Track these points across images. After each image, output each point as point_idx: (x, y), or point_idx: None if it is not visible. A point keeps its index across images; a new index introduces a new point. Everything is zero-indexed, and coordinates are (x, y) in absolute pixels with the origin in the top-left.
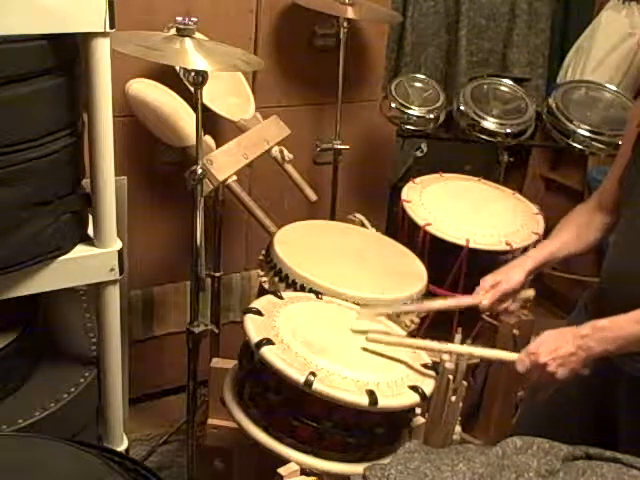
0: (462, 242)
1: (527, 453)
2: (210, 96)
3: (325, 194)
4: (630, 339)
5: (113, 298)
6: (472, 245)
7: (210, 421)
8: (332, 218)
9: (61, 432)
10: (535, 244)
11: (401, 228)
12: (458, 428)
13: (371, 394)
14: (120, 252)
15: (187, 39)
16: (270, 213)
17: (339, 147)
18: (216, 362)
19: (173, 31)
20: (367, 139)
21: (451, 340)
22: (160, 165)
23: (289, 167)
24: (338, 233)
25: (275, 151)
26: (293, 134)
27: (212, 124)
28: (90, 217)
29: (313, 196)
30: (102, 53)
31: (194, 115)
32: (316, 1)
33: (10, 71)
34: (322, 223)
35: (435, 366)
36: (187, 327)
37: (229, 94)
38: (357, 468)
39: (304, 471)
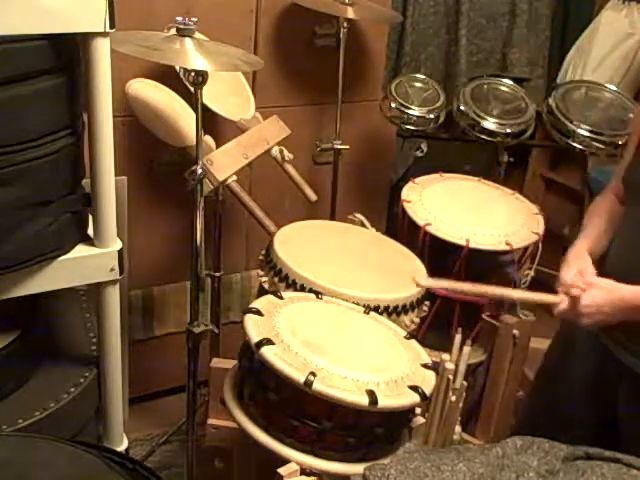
0: (462, 242)
1: (527, 453)
2: (210, 96)
3: (325, 194)
4: None
5: (113, 298)
6: (472, 245)
7: (210, 421)
8: (332, 218)
9: (61, 432)
10: (535, 244)
11: (401, 228)
12: (458, 428)
13: (371, 394)
14: (120, 252)
15: (187, 39)
16: (270, 213)
17: (339, 147)
18: (216, 362)
19: (173, 31)
20: (367, 139)
21: (451, 341)
22: (160, 165)
23: (289, 167)
24: (338, 233)
25: (275, 151)
26: (293, 134)
27: (212, 124)
28: (90, 217)
29: (313, 196)
30: (102, 53)
31: (194, 115)
32: (316, 1)
33: (10, 71)
34: (322, 223)
35: (435, 366)
36: (187, 327)
37: (229, 94)
38: (357, 468)
39: (304, 471)
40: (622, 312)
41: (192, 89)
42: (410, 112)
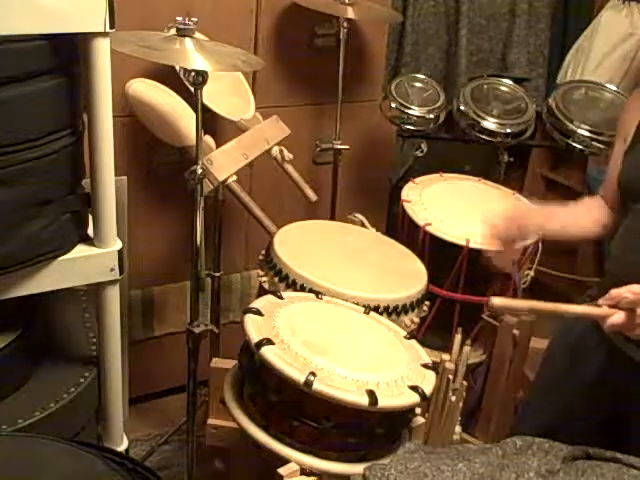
0: (462, 242)
1: (527, 453)
2: (210, 96)
3: (325, 194)
4: None
5: (113, 298)
6: (472, 245)
7: (210, 421)
8: (332, 218)
9: (61, 432)
10: (535, 244)
11: (401, 228)
12: (458, 428)
13: (371, 394)
14: (120, 252)
15: (187, 39)
16: (270, 213)
17: (339, 147)
18: (216, 362)
19: (173, 31)
20: (367, 139)
21: (451, 341)
22: (160, 165)
23: (289, 167)
24: (338, 233)
25: (275, 151)
26: (293, 134)
27: (212, 124)
28: (90, 217)
29: (313, 196)
30: (102, 53)
31: (194, 115)
32: (316, 1)
33: (10, 71)
34: (322, 223)
35: (435, 366)
36: (187, 327)
37: (229, 94)
38: (357, 468)
39: (304, 471)
40: None
41: (192, 89)
42: (410, 112)
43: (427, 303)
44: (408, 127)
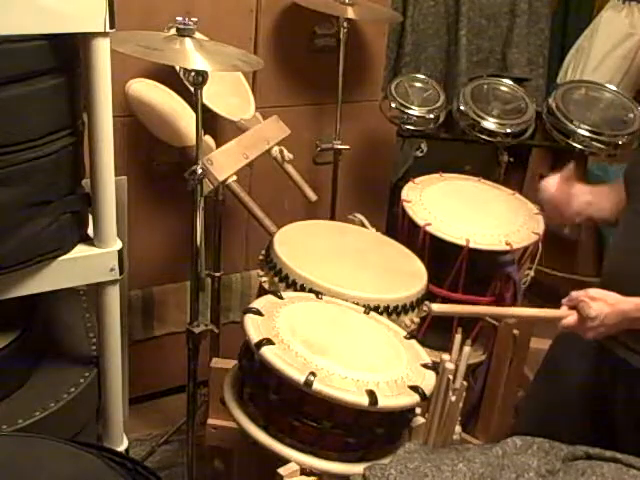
0: (462, 242)
1: (527, 453)
2: (210, 96)
3: (325, 194)
4: None
5: (113, 298)
6: (472, 245)
7: (210, 421)
8: (332, 218)
9: (61, 432)
10: (535, 244)
11: (401, 228)
12: (458, 428)
13: (371, 394)
14: (120, 252)
15: (187, 39)
16: (270, 213)
17: (339, 147)
18: (216, 362)
19: (173, 31)
20: (367, 139)
21: (451, 341)
22: (160, 165)
23: (289, 167)
24: (338, 233)
25: (275, 151)
26: (293, 134)
27: (212, 124)
28: (90, 217)
29: (313, 196)
30: (102, 53)
31: (194, 115)
32: (316, 1)
33: (10, 71)
34: (322, 223)
35: (435, 366)
36: (187, 327)
37: (229, 94)
38: (357, 468)
39: (304, 471)
40: (623, 324)
41: (192, 89)
42: (410, 112)
43: (427, 303)
44: (408, 127)
